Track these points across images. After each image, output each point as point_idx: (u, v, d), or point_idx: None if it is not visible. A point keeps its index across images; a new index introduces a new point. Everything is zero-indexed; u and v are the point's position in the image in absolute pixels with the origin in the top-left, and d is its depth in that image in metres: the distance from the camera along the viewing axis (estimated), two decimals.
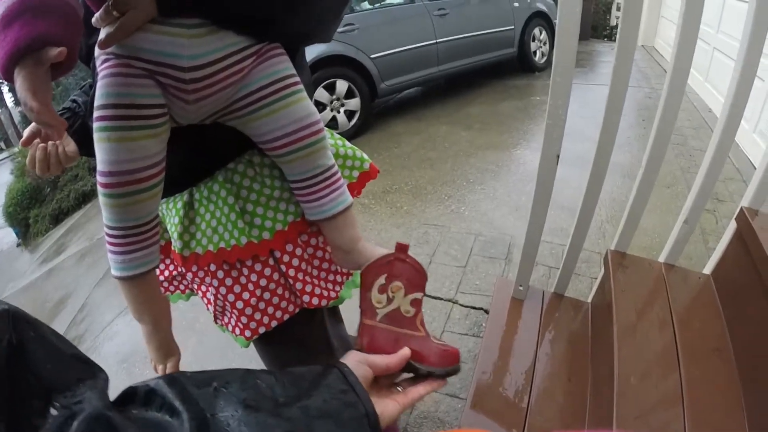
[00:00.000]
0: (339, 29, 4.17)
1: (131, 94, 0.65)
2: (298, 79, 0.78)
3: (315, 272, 0.93)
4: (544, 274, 2.33)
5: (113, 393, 0.40)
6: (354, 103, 4.45)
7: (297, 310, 0.93)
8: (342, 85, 4.31)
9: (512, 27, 5.63)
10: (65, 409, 0.33)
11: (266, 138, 0.76)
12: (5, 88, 24.43)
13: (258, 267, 0.86)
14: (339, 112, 4.40)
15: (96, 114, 0.65)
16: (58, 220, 7.34)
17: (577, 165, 2.95)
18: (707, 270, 1.44)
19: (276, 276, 0.88)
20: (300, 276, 0.88)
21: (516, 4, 5.64)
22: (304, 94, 0.78)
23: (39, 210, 7.75)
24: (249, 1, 0.67)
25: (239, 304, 0.87)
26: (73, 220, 6.79)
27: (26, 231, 7.95)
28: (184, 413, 0.37)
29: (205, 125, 0.77)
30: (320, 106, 4.25)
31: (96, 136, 0.66)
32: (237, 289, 0.87)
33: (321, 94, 4.22)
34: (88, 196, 7.18)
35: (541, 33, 6.02)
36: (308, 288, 0.90)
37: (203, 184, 0.85)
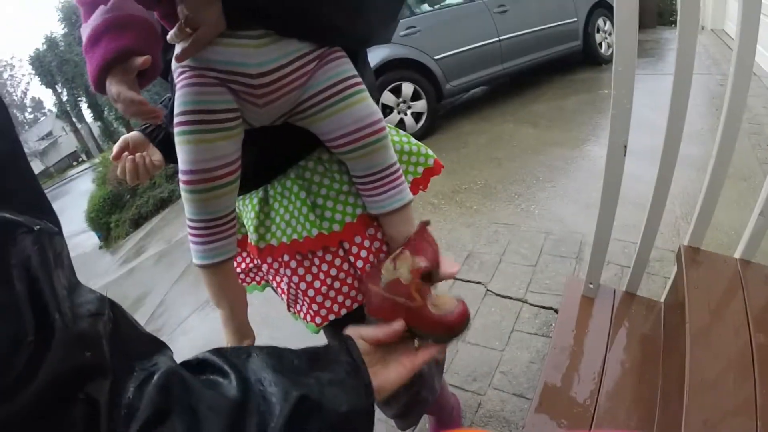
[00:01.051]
0: (401, 32, 4.28)
1: (206, 101, 0.72)
2: (359, 79, 0.82)
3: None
4: (616, 274, 2.26)
5: None
6: (420, 105, 4.48)
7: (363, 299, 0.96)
8: (408, 88, 4.35)
9: (575, 19, 5.46)
10: (144, 371, 0.43)
11: (331, 136, 0.81)
12: (84, 105, 26.09)
13: (328, 257, 0.91)
14: (406, 114, 4.45)
15: (176, 120, 0.73)
16: (137, 224, 7.78)
17: (648, 159, 2.75)
18: None
19: (345, 266, 0.92)
20: (367, 267, 0.92)
21: None
22: (366, 94, 0.82)
23: (120, 215, 8.23)
24: (309, 14, 0.72)
25: (310, 293, 0.92)
26: (152, 224, 7.17)
27: (108, 234, 8.46)
28: (232, 374, 0.48)
29: (276, 126, 0.83)
30: (387, 109, 4.31)
31: (177, 139, 0.74)
32: (309, 278, 0.92)
33: (387, 97, 4.28)
34: (166, 202, 7.58)
35: (605, 23, 5.79)
36: None
37: (277, 181, 0.91)
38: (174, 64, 0.73)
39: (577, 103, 4.74)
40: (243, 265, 1.08)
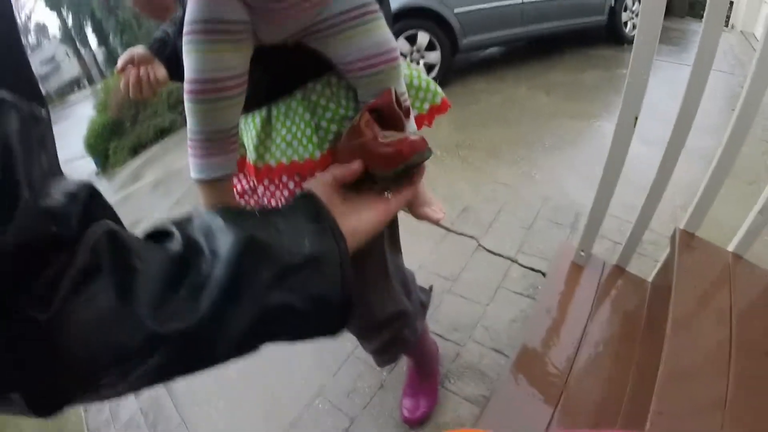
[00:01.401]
0: None
1: (218, 10, 0.70)
2: (377, 7, 0.80)
3: None
4: (608, 249, 2.25)
5: None
6: (434, 57, 4.37)
7: None
8: (423, 38, 4.24)
9: None
10: None
11: (345, 60, 0.79)
12: (89, 30, 25.73)
13: None
14: (419, 63, 4.34)
15: (186, 29, 0.71)
16: (136, 151, 7.71)
17: (658, 145, 2.76)
18: None
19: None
20: None
21: None
22: (383, 22, 0.80)
23: (118, 142, 8.16)
24: None
25: None
26: (151, 152, 7.13)
27: (105, 161, 8.40)
28: (176, 233, 0.45)
29: (287, 46, 0.80)
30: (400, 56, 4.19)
31: (185, 48, 0.72)
32: None
33: (402, 45, 4.17)
34: (166, 131, 7.51)
35: (633, 3, 5.63)
36: None
37: (282, 101, 0.89)
38: None
39: (593, 78, 4.66)
40: (239, 187, 1.06)
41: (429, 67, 4.41)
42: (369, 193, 0.65)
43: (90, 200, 0.41)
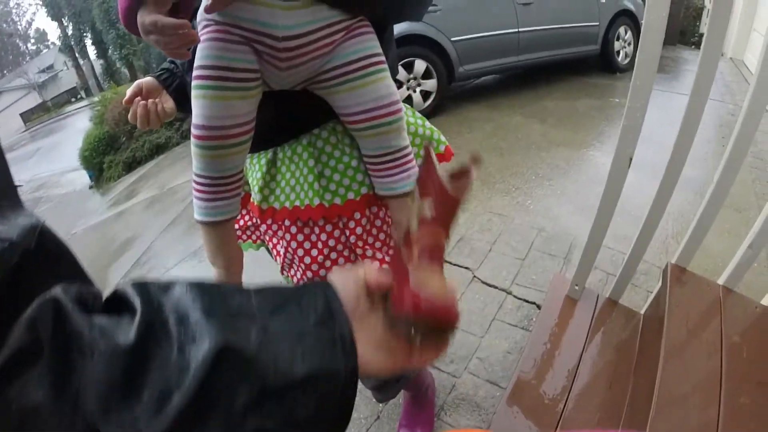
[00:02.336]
0: None
1: (228, 57, 0.72)
2: (383, 58, 0.82)
3: (378, 244, 0.97)
4: (602, 280, 2.28)
5: None
6: (430, 84, 4.43)
7: None
8: (420, 65, 4.30)
9: (597, 23, 5.41)
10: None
11: (347, 111, 0.82)
12: (89, 41, 25.74)
13: (328, 228, 0.92)
14: (415, 91, 4.40)
15: (195, 73, 0.73)
16: (131, 167, 7.71)
17: (651, 173, 2.76)
18: (766, 301, 1.38)
19: (343, 239, 0.93)
20: (360, 243, 0.93)
21: (603, 0, 5.41)
22: (387, 74, 0.82)
23: (114, 156, 8.15)
24: None
25: (307, 260, 0.93)
26: (146, 169, 7.11)
27: (100, 175, 8.38)
28: (139, 311, 0.35)
29: (295, 92, 0.83)
30: (397, 83, 4.18)
31: (194, 92, 0.73)
32: (307, 245, 0.93)
33: (399, 72, 4.23)
34: (162, 147, 7.51)
35: (626, 33, 5.75)
36: (369, 252, 0.95)
37: (288, 145, 0.91)
38: (200, 15, 0.73)
39: (587, 107, 4.72)
40: (241, 222, 1.09)
41: (425, 95, 4.47)
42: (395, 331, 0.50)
43: (37, 246, 0.34)
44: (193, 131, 0.76)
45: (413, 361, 0.48)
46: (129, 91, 1.01)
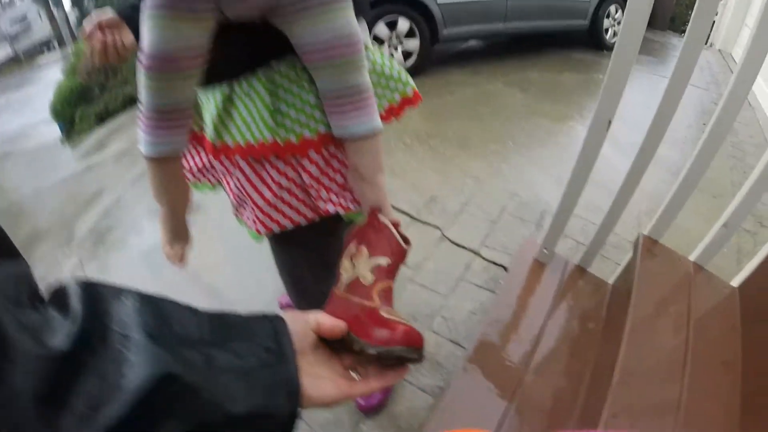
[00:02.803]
0: None
1: None
2: None
3: (334, 186, 0.93)
4: (572, 248, 2.27)
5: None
6: (413, 44, 4.32)
7: (315, 218, 0.94)
8: (403, 24, 4.18)
9: None
10: None
11: (304, 45, 0.77)
12: None
13: (281, 166, 0.88)
14: (396, 49, 4.29)
15: (148, 2, 0.69)
16: (103, 119, 7.47)
17: (626, 149, 2.78)
18: (735, 282, 1.35)
19: (297, 179, 0.90)
20: (314, 184, 0.90)
21: None
22: (350, 10, 0.78)
23: (85, 108, 7.89)
24: None
25: (258, 199, 0.90)
26: (118, 122, 6.92)
27: (71, 128, 8.12)
28: (80, 314, 0.33)
29: (253, 23, 0.78)
30: (378, 42, 4.14)
31: (145, 21, 0.69)
32: (258, 184, 0.90)
33: (381, 30, 4.11)
34: (135, 100, 7.28)
35: (616, 11, 5.68)
36: (323, 194, 0.91)
37: (244, 78, 0.86)
38: None
39: (570, 81, 4.70)
40: (199, 163, 1.05)
41: (407, 55, 4.37)
42: (337, 362, 0.54)
43: None
44: (142, 59, 0.72)
45: (356, 390, 0.51)
46: (87, 24, 0.98)
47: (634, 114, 3.46)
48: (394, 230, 0.70)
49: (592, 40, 5.81)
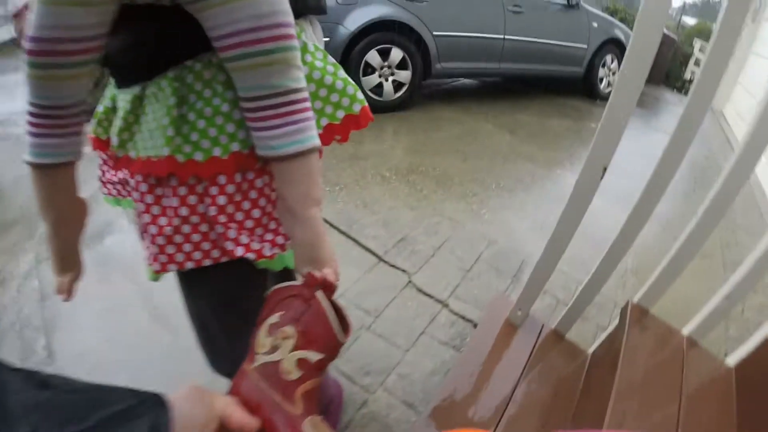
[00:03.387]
0: None
1: None
2: None
3: (249, 223, 0.74)
4: (549, 305, 2.12)
5: None
6: (404, 75, 4.23)
7: (224, 259, 0.75)
8: (397, 54, 4.10)
9: (585, 46, 5.40)
10: None
11: (217, 32, 0.60)
12: None
13: (182, 191, 0.70)
14: (387, 80, 4.19)
15: None
16: (90, 114, 7.32)
17: (616, 202, 2.74)
18: (732, 362, 1.27)
19: (202, 208, 0.71)
20: (222, 218, 0.71)
21: (595, 25, 5.39)
22: None
23: None
24: None
25: (152, 229, 0.72)
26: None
27: None
28: None
29: (165, 8, 0.62)
30: (369, 69, 4.06)
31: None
32: (155, 210, 0.72)
33: (373, 57, 4.02)
34: None
35: (612, 61, 5.77)
36: (232, 234, 0.72)
37: (158, 78, 0.69)
38: None
39: (561, 127, 4.65)
40: (119, 174, 0.86)
41: (397, 86, 4.28)
42: None
43: None
44: (25, 44, 0.59)
45: None
46: (12, 4, 0.82)
47: (625, 163, 3.37)
48: (333, 316, 0.56)
49: (586, 88, 5.88)
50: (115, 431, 0.35)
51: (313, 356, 0.54)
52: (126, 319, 1.91)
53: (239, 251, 0.72)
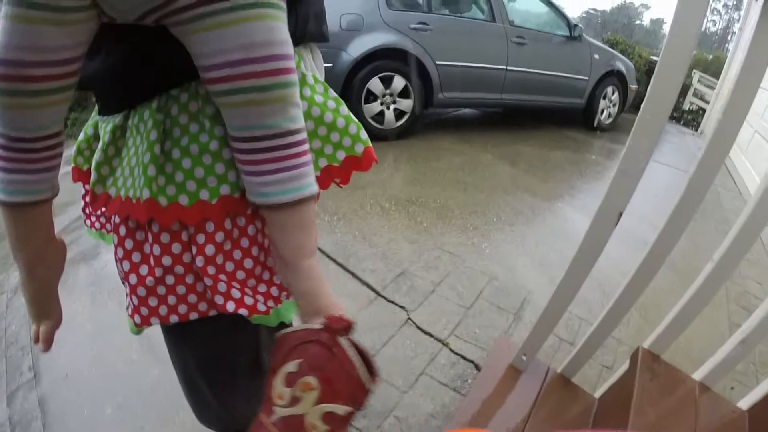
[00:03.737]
0: (411, 24, 4.08)
1: None
2: None
3: (240, 275, 0.67)
4: (552, 345, 2.04)
5: None
6: (406, 104, 4.23)
7: (212, 312, 0.68)
8: (399, 83, 4.11)
9: (586, 78, 5.43)
10: None
11: (205, 62, 0.54)
12: None
13: (164, 238, 0.63)
14: (389, 108, 4.19)
15: None
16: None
17: (619, 239, 2.67)
18: (744, 405, 1.21)
19: (187, 258, 0.64)
20: (210, 270, 0.64)
21: (596, 57, 5.43)
22: (277, 12, 0.54)
23: (79, 114, 7.74)
24: None
25: (133, 278, 0.65)
26: None
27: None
28: None
29: (148, 29, 0.56)
30: (371, 97, 4.05)
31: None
32: (135, 257, 0.65)
33: (376, 85, 4.02)
34: None
35: (613, 93, 5.82)
36: (222, 287, 0.65)
37: (141, 107, 0.63)
38: None
39: (561, 159, 4.64)
40: (100, 215, 0.80)
41: (399, 114, 4.28)
42: None
43: None
44: None
45: None
46: None
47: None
48: (358, 360, 0.51)
49: (586, 119, 5.90)
50: None
51: (341, 409, 0.50)
52: (114, 345, 1.84)
53: (230, 307, 0.65)
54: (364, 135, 0.73)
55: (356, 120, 0.73)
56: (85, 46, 0.54)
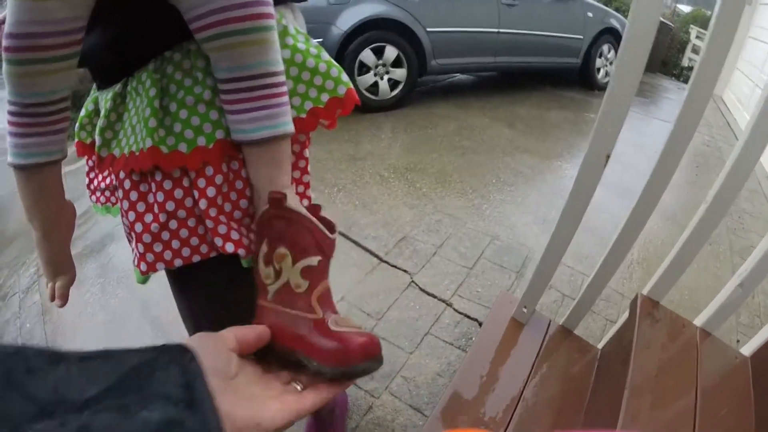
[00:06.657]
0: None
1: None
2: None
3: (237, 214, 0.72)
4: (556, 301, 2.08)
5: None
6: (400, 74, 4.20)
7: (213, 254, 0.72)
8: (391, 52, 4.07)
9: (581, 37, 5.35)
10: None
11: (192, 13, 0.59)
12: None
13: (167, 185, 0.68)
14: (382, 78, 4.16)
15: None
16: None
17: (619, 193, 2.76)
18: (747, 351, 1.24)
19: (188, 202, 0.69)
20: (212, 212, 0.68)
21: (590, 15, 5.34)
22: None
23: (74, 115, 7.66)
24: None
25: (138, 227, 0.70)
26: None
27: None
28: None
29: (142, 2, 0.63)
30: (364, 68, 4.02)
31: None
32: (140, 207, 0.70)
33: (368, 56, 3.99)
34: None
35: (609, 51, 5.72)
36: (222, 229, 0.70)
37: (138, 73, 0.68)
38: None
39: (559, 119, 4.61)
40: (101, 182, 0.85)
41: (393, 84, 4.25)
42: (272, 380, 0.47)
43: None
44: (3, 42, 0.60)
45: (308, 402, 0.45)
46: None
47: (625, 153, 3.33)
48: (312, 219, 0.57)
49: (583, 79, 5.83)
50: (142, 385, 0.32)
51: (314, 260, 0.56)
52: (127, 331, 1.89)
53: (229, 247, 0.69)
54: (345, 77, 0.76)
55: (337, 64, 0.76)
56: (86, 18, 0.60)
